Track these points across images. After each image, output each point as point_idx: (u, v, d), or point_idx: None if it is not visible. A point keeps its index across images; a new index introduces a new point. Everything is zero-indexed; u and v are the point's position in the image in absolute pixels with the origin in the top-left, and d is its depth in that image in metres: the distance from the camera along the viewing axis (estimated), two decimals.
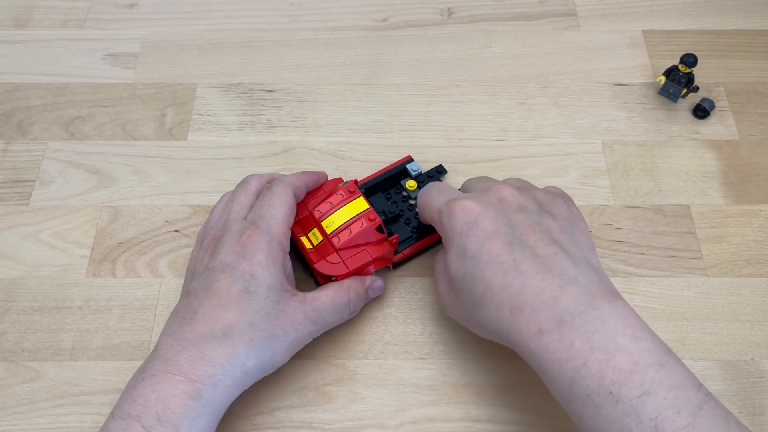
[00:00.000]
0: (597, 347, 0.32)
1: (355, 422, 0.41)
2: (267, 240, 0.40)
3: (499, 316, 0.35)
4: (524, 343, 0.34)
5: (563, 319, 0.33)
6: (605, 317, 0.33)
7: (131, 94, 0.55)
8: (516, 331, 0.34)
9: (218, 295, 0.38)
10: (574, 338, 0.32)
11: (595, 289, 0.34)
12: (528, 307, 0.34)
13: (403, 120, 0.54)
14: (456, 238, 0.37)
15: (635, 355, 0.32)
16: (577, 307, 0.33)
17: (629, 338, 0.32)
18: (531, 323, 0.34)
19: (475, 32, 0.59)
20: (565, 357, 0.32)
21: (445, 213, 0.38)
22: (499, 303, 0.35)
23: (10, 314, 0.45)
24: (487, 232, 0.36)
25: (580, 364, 0.32)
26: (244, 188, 0.44)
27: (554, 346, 0.33)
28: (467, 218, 0.37)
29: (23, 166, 0.52)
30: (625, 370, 0.31)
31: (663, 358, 0.32)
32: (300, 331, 0.40)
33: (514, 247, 0.35)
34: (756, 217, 0.49)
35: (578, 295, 0.34)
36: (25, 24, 0.60)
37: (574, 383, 0.32)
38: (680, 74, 0.52)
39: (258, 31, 0.59)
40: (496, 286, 0.35)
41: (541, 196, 0.40)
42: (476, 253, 0.36)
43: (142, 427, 0.33)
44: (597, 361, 0.32)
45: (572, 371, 0.32)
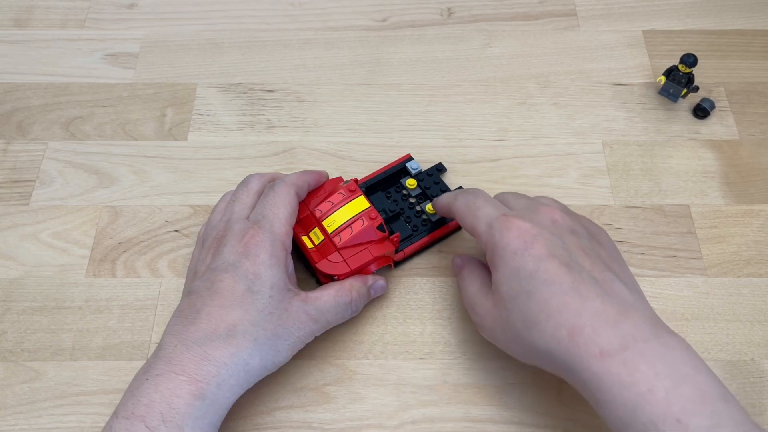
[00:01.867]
0: (663, 374, 0.31)
1: (355, 422, 0.41)
2: (270, 240, 0.40)
3: (555, 336, 0.34)
4: (583, 364, 0.33)
5: (626, 343, 0.32)
6: (669, 346, 0.33)
7: (131, 94, 0.55)
8: (574, 352, 0.33)
9: (222, 294, 0.38)
10: (639, 363, 0.32)
11: (655, 319, 0.34)
12: (588, 328, 0.33)
13: (403, 120, 0.54)
14: (509, 257, 0.36)
15: (701, 386, 0.31)
16: (640, 333, 0.33)
17: (693, 370, 0.32)
18: (591, 344, 0.33)
19: (475, 32, 0.59)
20: (629, 381, 0.31)
21: (498, 229, 0.37)
22: (557, 323, 0.34)
23: (10, 314, 0.45)
24: (543, 252, 0.35)
25: (646, 389, 0.31)
26: (245, 188, 0.44)
27: (617, 369, 0.32)
28: (522, 238, 0.36)
29: (23, 166, 0.52)
30: (694, 399, 0.31)
31: (726, 394, 0.32)
32: (302, 330, 0.40)
33: (572, 269, 0.35)
34: (756, 217, 0.49)
35: (639, 321, 0.33)
36: (25, 24, 0.60)
37: (638, 408, 0.31)
38: (680, 74, 0.52)
39: (258, 31, 0.59)
40: (554, 306, 0.34)
41: (587, 223, 0.40)
42: (533, 272, 0.35)
43: (146, 427, 0.33)
44: (664, 387, 0.31)
45: (636, 395, 0.31)
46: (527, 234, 0.36)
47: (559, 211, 0.39)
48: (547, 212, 0.38)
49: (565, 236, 0.37)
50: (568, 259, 0.36)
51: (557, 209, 0.39)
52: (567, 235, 0.37)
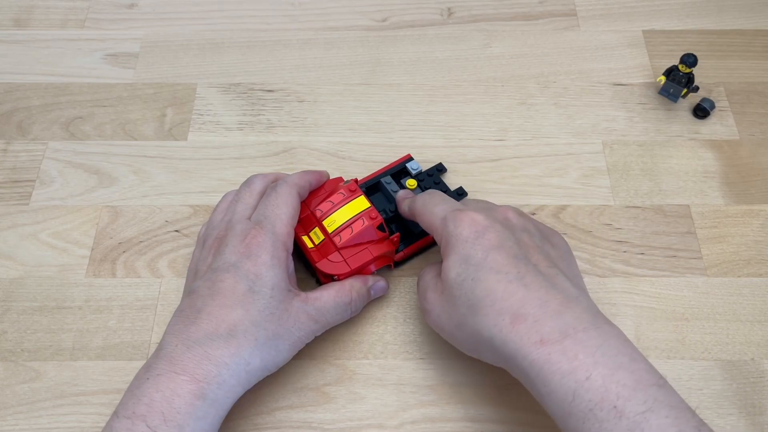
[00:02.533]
0: (600, 362, 0.32)
1: (355, 422, 0.41)
2: (271, 240, 0.40)
3: (498, 322, 0.35)
4: (523, 352, 0.34)
5: (566, 331, 0.33)
6: (606, 336, 0.34)
7: (131, 94, 0.55)
8: (515, 339, 0.34)
9: (223, 294, 0.38)
10: (578, 351, 0.33)
11: (595, 311, 0.36)
12: (530, 317, 0.34)
13: (403, 120, 0.54)
14: (460, 245, 0.37)
15: (636, 373, 0.32)
16: (580, 323, 0.34)
17: (629, 358, 0.33)
18: (533, 332, 0.34)
19: (475, 32, 0.59)
20: (567, 369, 0.32)
21: (451, 220, 0.38)
22: (500, 309, 0.35)
23: (10, 314, 0.45)
24: (493, 242, 0.37)
25: (584, 376, 0.32)
26: (248, 188, 0.44)
27: (557, 357, 0.33)
28: (474, 228, 0.37)
29: (23, 166, 0.52)
30: (629, 386, 0.31)
31: (660, 380, 0.33)
32: (303, 330, 0.40)
33: (519, 260, 0.36)
34: (756, 217, 0.49)
35: (580, 312, 0.34)
36: (25, 24, 0.60)
37: (576, 396, 0.32)
38: (680, 74, 0.52)
39: (258, 31, 0.59)
40: (499, 292, 0.35)
41: (541, 226, 0.41)
42: (481, 260, 0.36)
43: (147, 426, 0.34)
44: (601, 375, 0.32)
45: (575, 383, 0.32)
46: (479, 225, 0.37)
47: (513, 211, 0.40)
48: (502, 211, 0.40)
49: (517, 232, 0.38)
50: (517, 251, 0.37)
51: (511, 209, 0.40)
52: (519, 231, 0.38)
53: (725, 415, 0.41)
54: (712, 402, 0.42)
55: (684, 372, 0.43)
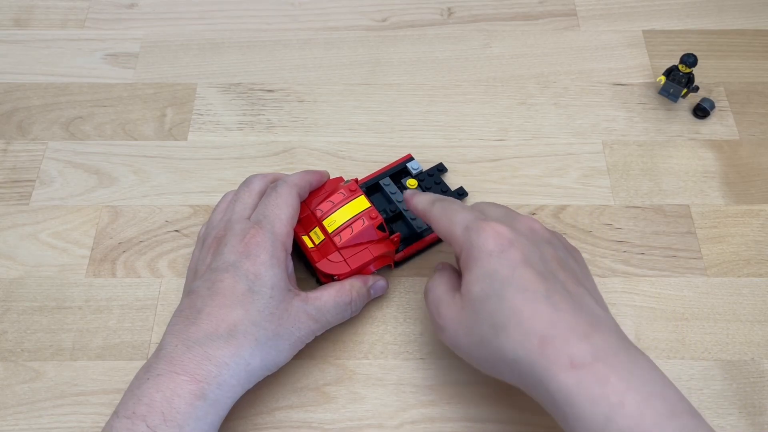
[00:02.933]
0: (633, 388, 0.31)
1: (355, 422, 0.41)
2: (271, 240, 0.40)
3: (524, 343, 0.33)
4: (551, 374, 0.32)
5: (597, 355, 0.32)
6: (637, 361, 0.33)
7: (131, 94, 0.55)
8: (543, 361, 0.32)
9: (222, 294, 0.38)
10: (609, 375, 0.31)
11: (622, 335, 0.34)
12: (559, 339, 0.32)
13: (403, 120, 0.54)
14: (485, 258, 0.35)
15: (669, 401, 0.31)
16: (609, 347, 0.33)
17: (661, 385, 0.32)
18: (562, 354, 0.32)
19: (475, 32, 0.59)
20: (599, 393, 0.31)
21: (475, 231, 0.36)
22: (527, 330, 0.33)
23: (10, 314, 0.45)
24: (519, 258, 0.35)
25: (617, 401, 0.31)
26: (247, 188, 0.44)
27: (588, 381, 0.31)
28: (499, 241, 0.35)
29: (23, 166, 0.52)
30: (663, 413, 0.31)
31: (692, 409, 0.32)
32: (303, 330, 0.40)
33: (547, 279, 0.35)
34: (756, 217, 0.49)
35: (609, 336, 0.33)
36: (25, 24, 0.60)
37: (609, 421, 0.30)
38: (680, 74, 0.52)
39: (258, 31, 0.59)
40: (526, 313, 0.33)
41: (563, 240, 0.40)
42: (507, 277, 0.34)
43: (147, 426, 0.34)
44: (635, 401, 0.31)
45: (607, 408, 0.31)
46: (504, 238, 0.36)
47: (537, 223, 0.38)
48: (526, 221, 0.38)
49: (542, 246, 0.37)
50: (543, 269, 0.35)
51: (535, 221, 0.39)
52: (544, 245, 0.37)
53: (725, 415, 0.41)
54: (712, 402, 0.42)
55: (684, 372, 0.43)
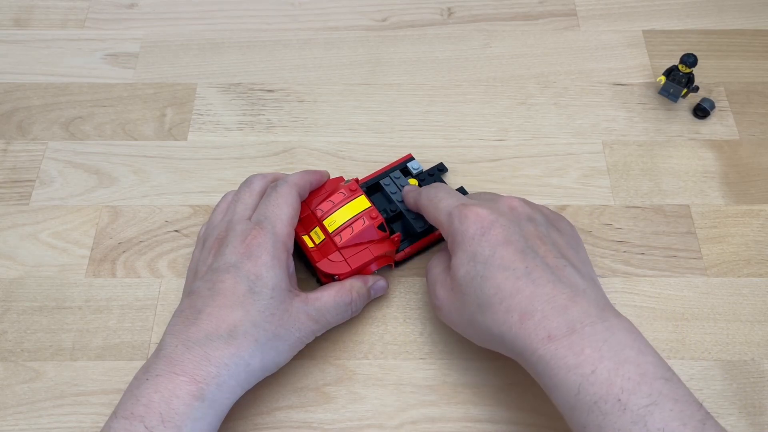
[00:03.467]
0: (606, 356, 0.32)
1: (355, 422, 0.41)
2: (272, 241, 0.40)
3: (506, 320, 0.35)
4: (531, 347, 0.34)
5: (573, 327, 0.34)
6: (614, 330, 0.34)
7: (131, 94, 0.55)
8: (523, 335, 0.34)
9: (223, 295, 0.38)
10: (584, 346, 0.33)
11: (603, 303, 0.36)
12: (538, 313, 0.34)
13: (403, 120, 0.54)
14: (467, 242, 0.37)
15: (642, 366, 0.32)
16: (587, 317, 0.34)
17: (636, 351, 0.33)
18: (540, 329, 0.34)
19: (475, 32, 0.59)
20: (573, 363, 0.33)
21: (457, 217, 0.38)
22: (509, 307, 0.35)
23: (10, 314, 0.45)
24: (499, 238, 0.37)
25: (589, 370, 0.32)
26: (248, 188, 0.44)
27: (563, 352, 0.33)
28: (480, 224, 0.37)
29: (23, 166, 0.52)
30: (634, 380, 0.32)
31: (667, 373, 0.33)
32: (303, 331, 0.40)
33: (526, 255, 0.36)
34: (756, 217, 0.49)
35: (587, 306, 0.35)
36: (25, 24, 0.60)
37: (581, 389, 0.32)
38: (680, 74, 0.52)
39: (258, 31, 0.59)
40: (507, 290, 0.35)
41: (546, 211, 0.41)
42: (488, 257, 0.36)
43: (145, 427, 0.34)
44: (606, 369, 0.32)
45: (580, 377, 0.32)
46: (485, 220, 0.37)
47: (518, 200, 0.40)
48: (506, 201, 0.40)
49: (523, 223, 0.38)
50: (524, 245, 0.37)
51: (516, 199, 0.40)
52: (524, 222, 0.38)
53: (725, 415, 0.41)
54: (712, 402, 0.42)
55: (684, 372, 0.43)
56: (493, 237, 0.37)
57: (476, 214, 0.38)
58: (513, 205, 0.39)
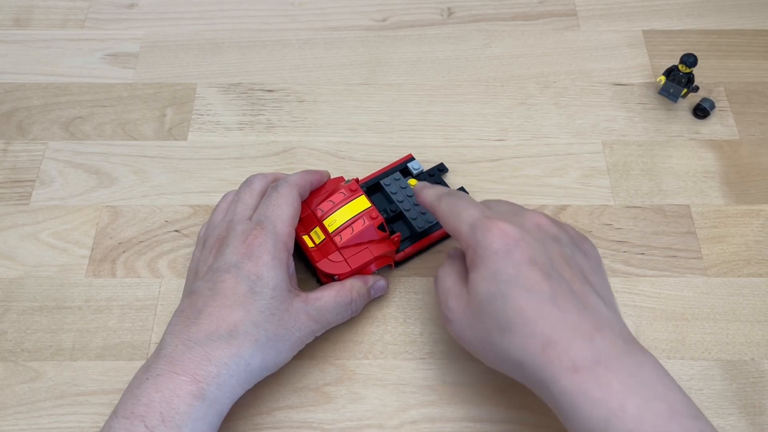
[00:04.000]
0: (634, 391, 0.31)
1: (354, 422, 0.41)
2: (273, 241, 0.40)
3: (528, 345, 0.33)
4: (554, 377, 0.32)
5: (599, 358, 0.32)
6: (641, 363, 0.33)
7: (131, 94, 0.55)
8: (546, 364, 0.33)
9: (224, 295, 0.38)
10: (611, 379, 0.31)
11: (627, 336, 0.34)
12: (563, 342, 0.33)
13: (403, 120, 0.54)
14: (490, 258, 0.35)
15: (671, 404, 0.31)
16: (613, 349, 0.33)
17: (664, 387, 0.32)
18: (565, 358, 0.32)
19: (475, 32, 0.59)
20: (600, 397, 0.31)
21: (480, 229, 0.36)
22: (531, 332, 0.33)
23: (10, 314, 0.45)
24: (524, 258, 0.35)
25: (617, 405, 0.31)
26: (248, 188, 0.44)
27: (589, 384, 0.32)
28: (504, 240, 0.35)
29: (23, 166, 0.52)
30: (664, 416, 0.31)
31: (696, 411, 0.32)
32: (303, 331, 0.40)
33: (552, 278, 0.34)
34: (756, 217, 0.49)
35: (614, 337, 0.33)
36: (25, 24, 0.60)
37: (609, 425, 0.31)
38: (680, 74, 0.52)
39: (258, 31, 0.59)
40: (530, 314, 0.33)
41: (572, 232, 0.40)
42: (512, 276, 0.34)
43: (146, 426, 0.34)
44: (635, 404, 0.31)
45: (608, 412, 0.31)
46: (510, 237, 0.35)
47: (544, 218, 0.38)
48: (532, 217, 0.38)
49: (548, 243, 0.36)
50: (549, 268, 0.35)
51: (542, 215, 0.38)
52: (550, 242, 0.37)
53: (725, 415, 0.41)
54: (712, 402, 0.42)
55: (684, 372, 0.43)
56: (518, 256, 0.35)
57: (501, 230, 0.36)
58: (540, 223, 0.37)
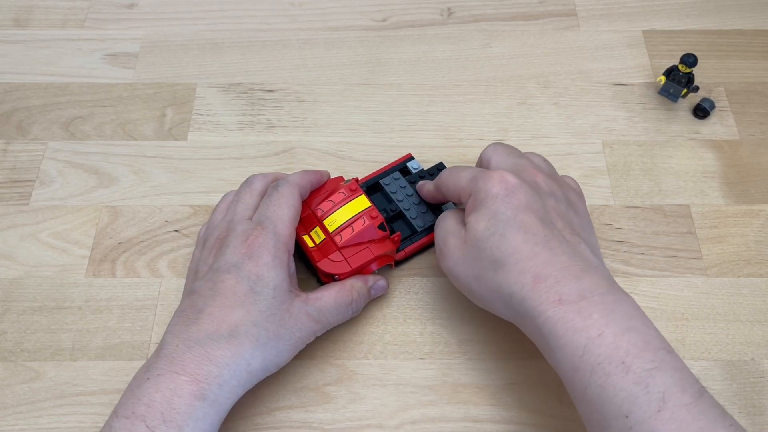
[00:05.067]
0: (613, 323, 0.34)
1: (354, 422, 0.41)
2: (273, 241, 0.40)
3: (519, 279, 0.36)
4: (540, 308, 0.35)
5: (584, 294, 0.35)
6: (622, 302, 0.35)
7: (131, 94, 0.55)
8: (534, 296, 0.35)
9: (224, 295, 0.38)
10: (592, 311, 0.34)
11: (611, 279, 0.37)
12: (552, 278, 0.35)
13: (403, 120, 0.54)
14: (490, 200, 0.38)
15: (647, 336, 0.34)
16: (598, 288, 0.35)
17: (641, 323, 0.35)
18: (552, 292, 0.35)
19: (475, 32, 0.59)
20: (581, 326, 0.34)
21: (481, 178, 0.39)
22: (523, 268, 0.36)
23: (10, 314, 0.45)
24: (522, 203, 0.38)
25: (596, 333, 0.33)
26: (249, 188, 0.44)
27: (572, 315, 0.34)
28: (505, 185, 0.38)
29: (23, 166, 0.52)
30: (638, 345, 0.33)
31: (668, 346, 0.34)
32: (303, 331, 0.40)
33: (545, 224, 0.37)
34: (756, 217, 0.49)
35: (599, 279, 0.36)
36: (25, 24, 0.60)
37: (586, 350, 0.33)
38: (680, 74, 0.52)
39: (258, 31, 0.59)
40: (524, 252, 0.36)
41: (566, 190, 0.42)
42: (510, 217, 0.37)
43: (147, 426, 0.33)
44: (612, 333, 0.33)
45: (586, 339, 0.33)
46: (509, 183, 0.38)
47: (543, 174, 0.41)
48: (532, 173, 0.40)
49: (545, 197, 0.39)
50: (544, 215, 0.38)
51: (541, 172, 0.41)
52: (546, 196, 0.39)
53: None
54: None
55: None
56: (516, 200, 0.37)
57: (501, 176, 0.38)
58: (537, 180, 0.40)
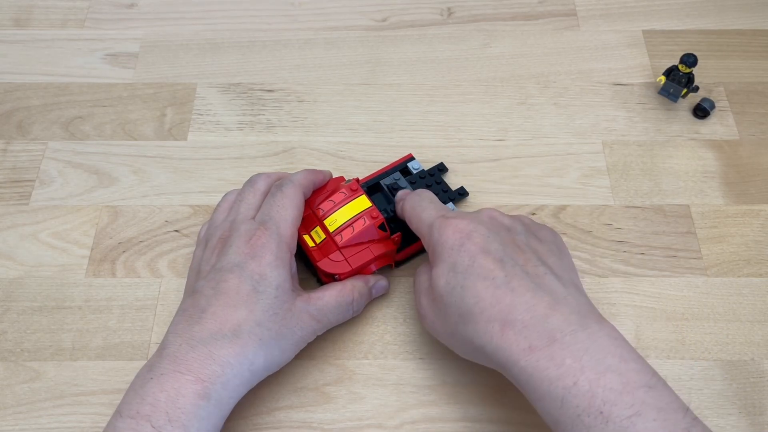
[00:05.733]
0: (587, 366, 0.32)
1: (354, 422, 0.41)
2: (276, 241, 0.40)
3: (488, 330, 0.35)
4: (513, 359, 0.34)
5: (554, 336, 0.33)
6: (595, 337, 0.33)
7: (131, 94, 0.55)
8: (505, 346, 0.34)
9: (227, 294, 0.38)
10: (564, 356, 0.33)
11: (585, 310, 0.35)
12: (519, 323, 0.34)
13: (403, 120, 0.54)
14: (446, 253, 0.37)
15: (625, 375, 0.32)
16: (567, 326, 0.34)
17: (618, 359, 0.33)
18: (521, 339, 0.34)
19: (475, 32, 0.59)
20: (555, 375, 0.32)
21: (437, 228, 0.39)
22: (489, 317, 0.35)
23: (10, 314, 0.45)
24: (478, 247, 0.37)
25: (571, 382, 0.32)
26: (252, 188, 0.44)
27: (545, 363, 0.33)
28: (459, 234, 0.38)
29: (23, 166, 0.51)
30: (616, 390, 0.31)
31: (651, 380, 0.32)
32: (305, 330, 0.40)
33: (505, 264, 0.36)
34: (756, 217, 0.49)
35: (568, 314, 0.34)
36: (25, 24, 0.60)
37: (564, 402, 0.32)
38: (680, 74, 0.52)
39: (258, 31, 0.59)
40: (487, 300, 0.35)
41: (527, 221, 0.41)
42: (467, 267, 0.36)
43: (152, 426, 0.33)
44: (588, 380, 0.32)
45: (563, 390, 0.32)
46: (463, 231, 0.38)
47: (497, 211, 0.40)
48: (486, 212, 0.40)
49: (501, 232, 0.38)
50: (502, 254, 0.37)
51: (496, 210, 0.41)
52: (502, 231, 0.39)
53: (725, 415, 0.41)
54: (712, 402, 0.42)
55: (684, 372, 0.43)
56: (471, 247, 0.37)
57: (454, 226, 0.38)
58: (492, 215, 0.40)
